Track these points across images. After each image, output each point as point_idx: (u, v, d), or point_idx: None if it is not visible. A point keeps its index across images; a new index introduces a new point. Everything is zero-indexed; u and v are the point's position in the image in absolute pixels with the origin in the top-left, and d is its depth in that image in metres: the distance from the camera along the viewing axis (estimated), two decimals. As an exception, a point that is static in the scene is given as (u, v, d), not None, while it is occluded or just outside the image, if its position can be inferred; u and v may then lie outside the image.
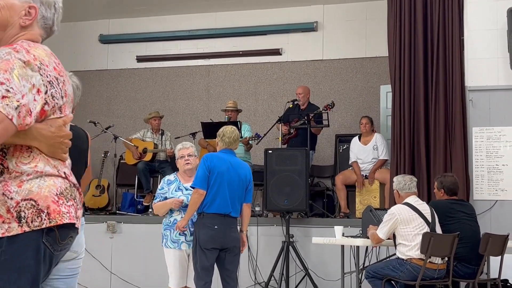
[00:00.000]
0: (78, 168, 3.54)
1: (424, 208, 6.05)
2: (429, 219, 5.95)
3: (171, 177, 6.07)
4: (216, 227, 5.61)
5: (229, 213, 5.73)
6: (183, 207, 5.81)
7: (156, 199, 5.99)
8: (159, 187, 6.07)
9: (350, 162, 8.99)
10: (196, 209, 5.67)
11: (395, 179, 6.39)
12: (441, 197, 6.46)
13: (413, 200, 6.10)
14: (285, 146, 9.24)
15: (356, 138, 9.06)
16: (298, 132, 9.24)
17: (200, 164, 5.76)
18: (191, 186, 5.73)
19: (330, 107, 9.04)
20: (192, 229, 5.76)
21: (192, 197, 5.67)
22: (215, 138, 9.22)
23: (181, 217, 5.77)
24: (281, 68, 11.31)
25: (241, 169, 5.93)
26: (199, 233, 5.60)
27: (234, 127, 6.13)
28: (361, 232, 6.61)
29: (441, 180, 6.51)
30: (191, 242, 5.74)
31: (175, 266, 5.80)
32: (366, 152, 8.85)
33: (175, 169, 10.50)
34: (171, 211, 5.86)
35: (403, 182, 6.21)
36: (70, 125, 3.13)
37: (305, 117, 9.00)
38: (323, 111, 9.04)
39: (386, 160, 8.65)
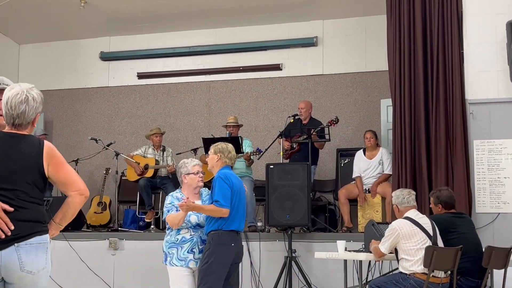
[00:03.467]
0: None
1: (425, 221, 6.03)
2: (431, 232, 5.94)
3: (178, 194, 5.92)
4: (233, 244, 5.65)
5: (242, 229, 5.84)
6: (194, 225, 5.75)
7: (168, 211, 5.80)
8: (168, 201, 5.88)
9: (353, 176, 8.97)
10: (212, 218, 5.62)
11: (393, 193, 6.37)
12: (439, 212, 6.44)
13: (414, 214, 6.08)
14: (287, 161, 9.24)
15: (360, 152, 9.03)
16: (301, 147, 9.23)
17: (220, 182, 5.64)
18: (214, 200, 5.61)
19: (334, 122, 9.05)
20: (201, 247, 5.72)
21: (215, 211, 5.57)
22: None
23: (190, 235, 5.73)
24: (281, 83, 11.34)
25: (243, 185, 6.00)
26: (217, 250, 5.53)
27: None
28: (363, 246, 6.59)
29: (437, 195, 6.48)
30: (199, 260, 5.67)
31: (182, 283, 5.69)
32: (372, 167, 8.85)
33: (176, 185, 10.48)
34: (178, 229, 5.75)
35: (402, 196, 6.19)
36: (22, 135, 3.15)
37: (307, 132, 9.02)
38: (327, 126, 9.04)
39: (391, 175, 8.63)
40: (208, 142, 9.32)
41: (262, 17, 11.11)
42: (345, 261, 6.71)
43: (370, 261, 6.99)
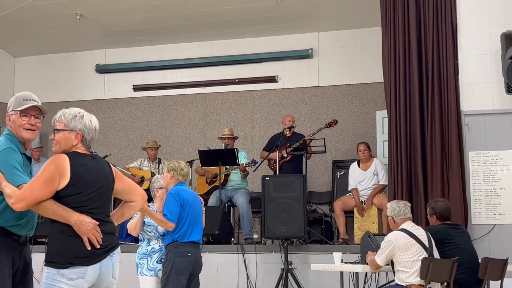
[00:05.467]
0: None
1: (421, 233, 6.02)
2: (426, 244, 5.93)
3: (152, 207, 6.22)
4: (189, 254, 5.94)
5: (198, 240, 6.12)
6: (161, 235, 6.08)
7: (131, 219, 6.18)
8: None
9: (349, 189, 8.97)
10: (169, 231, 5.96)
11: (389, 205, 6.36)
12: (434, 223, 6.44)
13: (409, 225, 6.08)
14: (277, 171, 9.23)
15: (355, 164, 9.05)
16: (292, 157, 9.27)
17: (170, 198, 6.01)
18: (163, 214, 5.95)
19: (333, 124, 9.11)
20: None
21: (162, 222, 5.92)
22: (213, 166, 9.37)
23: (159, 246, 6.07)
24: (277, 95, 11.36)
25: (198, 198, 6.33)
26: (175, 261, 5.87)
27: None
28: (360, 258, 6.58)
29: (432, 206, 6.49)
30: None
31: None
32: (367, 178, 8.86)
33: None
34: (148, 240, 6.10)
35: (398, 208, 6.19)
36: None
37: (302, 142, 9.06)
38: (325, 128, 9.09)
39: (386, 185, 8.64)
40: (203, 154, 9.33)
41: (258, 30, 11.14)
42: (342, 273, 6.70)
43: (366, 273, 6.98)
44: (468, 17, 7.79)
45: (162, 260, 6.01)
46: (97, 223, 3.60)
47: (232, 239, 8.84)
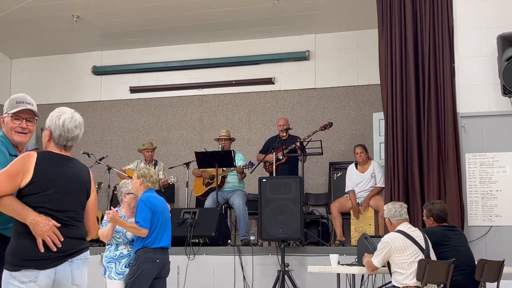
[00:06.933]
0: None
1: (417, 234, 6.03)
2: (423, 245, 5.94)
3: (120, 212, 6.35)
4: (158, 260, 6.09)
5: (167, 245, 6.25)
6: (129, 241, 6.22)
7: (102, 227, 6.29)
8: (105, 218, 6.30)
9: (346, 191, 8.97)
10: (139, 237, 6.10)
11: (385, 207, 6.37)
12: (430, 224, 6.44)
13: (406, 227, 6.08)
14: (273, 172, 9.23)
15: (352, 166, 9.04)
16: (288, 159, 9.28)
17: (141, 205, 6.13)
18: (136, 221, 6.07)
19: (328, 126, 9.12)
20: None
21: (135, 229, 6.06)
22: (209, 168, 9.36)
23: (127, 251, 6.22)
24: (274, 97, 11.36)
25: (166, 204, 6.44)
26: (143, 266, 6.02)
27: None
28: (356, 260, 6.58)
29: (429, 208, 6.49)
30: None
31: None
32: (365, 180, 8.86)
33: (169, 199, 10.46)
34: (116, 245, 6.25)
35: (394, 209, 6.19)
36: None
37: (299, 145, 9.06)
38: (321, 130, 9.10)
39: (383, 188, 8.64)
40: (200, 156, 9.33)
41: (255, 31, 11.15)
42: (338, 274, 6.69)
43: (363, 275, 6.98)
44: (465, 19, 7.81)
45: (130, 264, 6.17)
46: (58, 225, 3.43)
47: (229, 241, 8.84)
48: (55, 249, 3.41)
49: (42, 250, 3.39)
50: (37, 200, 3.44)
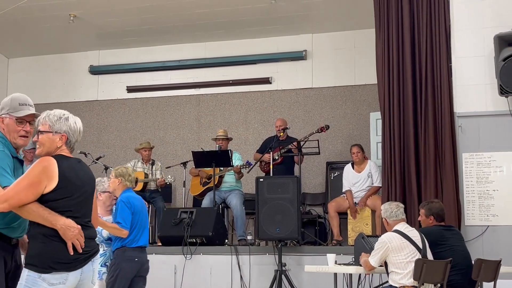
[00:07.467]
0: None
1: (414, 234, 6.03)
2: (420, 245, 5.94)
3: None
4: (136, 259, 6.12)
5: (145, 244, 6.29)
6: (105, 240, 6.21)
7: None
8: None
9: (343, 190, 8.97)
10: (117, 237, 6.12)
11: (382, 207, 6.37)
12: (429, 224, 6.44)
13: (403, 227, 6.09)
14: (269, 172, 9.23)
15: (349, 166, 9.05)
16: (283, 159, 9.28)
17: (122, 206, 6.14)
18: (116, 222, 6.09)
19: (325, 129, 9.11)
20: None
21: (116, 229, 6.07)
22: (206, 167, 9.36)
23: (103, 250, 6.18)
24: (271, 97, 11.36)
25: (144, 203, 6.47)
26: (122, 265, 6.04)
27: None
28: (353, 259, 6.59)
29: (429, 207, 6.49)
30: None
31: None
32: (361, 180, 8.87)
33: (166, 198, 10.50)
34: None
35: (390, 209, 6.20)
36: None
37: (296, 144, 9.07)
38: (317, 132, 9.11)
39: (380, 187, 8.64)
40: (198, 156, 9.33)
41: (252, 31, 11.15)
42: (335, 274, 6.69)
43: (360, 274, 6.99)
44: (462, 19, 7.81)
45: (107, 264, 6.19)
46: (80, 228, 3.54)
47: (226, 240, 8.84)
48: (81, 251, 3.53)
49: (72, 253, 3.50)
50: (64, 205, 3.51)
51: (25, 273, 3.48)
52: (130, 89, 11.94)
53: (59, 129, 3.61)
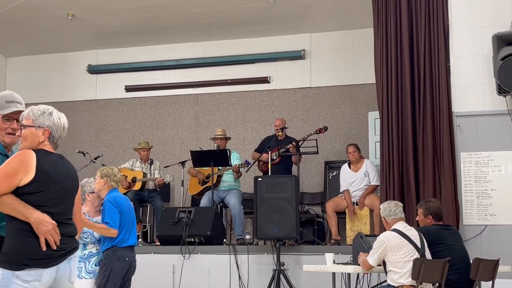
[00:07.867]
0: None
1: (413, 233, 6.03)
2: (419, 244, 5.94)
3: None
4: (127, 259, 6.18)
5: (134, 244, 6.34)
6: (97, 240, 6.22)
7: None
8: None
9: (341, 190, 8.98)
10: (106, 237, 6.14)
11: (381, 206, 6.39)
12: (427, 223, 6.44)
13: (401, 226, 6.09)
14: (267, 171, 9.23)
15: (346, 166, 9.06)
16: (281, 159, 9.28)
17: (110, 206, 6.17)
18: (105, 222, 6.10)
19: (323, 130, 9.11)
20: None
21: (105, 230, 6.10)
22: (205, 167, 9.36)
23: (96, 249, 6.21)
24: (269, 96, 11.36)
25: (131, 203, 6.50)
26: (114, 265, 6.07)
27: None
28: (352, 259, 6.59)
29: (427, 207, 6.49)
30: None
31: None
32: (358, 179, 8.88)
33: (164, 198, 10.49)
34: (84, 244, 6.21)
35: (389, 208, 6.20)
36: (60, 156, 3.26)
37: (294, 144, 9.07)
38: (315, 133, 9.10)
39: (378, 186, 8.66)
40: (196, 155, 9.32)
41: (250, 30, 11.15)
42: (334, 273, 6.70)
43: (358, 274, 6.99)
44: (460, 19, 7.82)
45: (100, 263, 6.20)
46: (56, 224, 3.47)
47: (224, 240, 8.84)
48: (55, 248, 3.45)
49: (44, 249, 3.42)
50: (39, 199, 3.46)
51: (0, 272, 3.42)
52: (129, 89, 11.93)
53: (42, 123, 3.59)
